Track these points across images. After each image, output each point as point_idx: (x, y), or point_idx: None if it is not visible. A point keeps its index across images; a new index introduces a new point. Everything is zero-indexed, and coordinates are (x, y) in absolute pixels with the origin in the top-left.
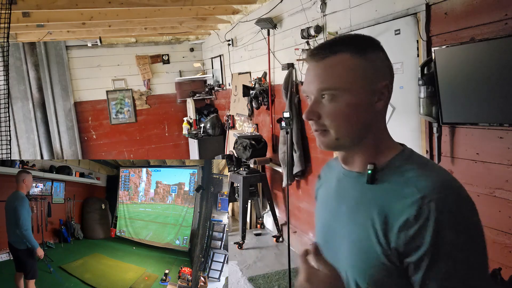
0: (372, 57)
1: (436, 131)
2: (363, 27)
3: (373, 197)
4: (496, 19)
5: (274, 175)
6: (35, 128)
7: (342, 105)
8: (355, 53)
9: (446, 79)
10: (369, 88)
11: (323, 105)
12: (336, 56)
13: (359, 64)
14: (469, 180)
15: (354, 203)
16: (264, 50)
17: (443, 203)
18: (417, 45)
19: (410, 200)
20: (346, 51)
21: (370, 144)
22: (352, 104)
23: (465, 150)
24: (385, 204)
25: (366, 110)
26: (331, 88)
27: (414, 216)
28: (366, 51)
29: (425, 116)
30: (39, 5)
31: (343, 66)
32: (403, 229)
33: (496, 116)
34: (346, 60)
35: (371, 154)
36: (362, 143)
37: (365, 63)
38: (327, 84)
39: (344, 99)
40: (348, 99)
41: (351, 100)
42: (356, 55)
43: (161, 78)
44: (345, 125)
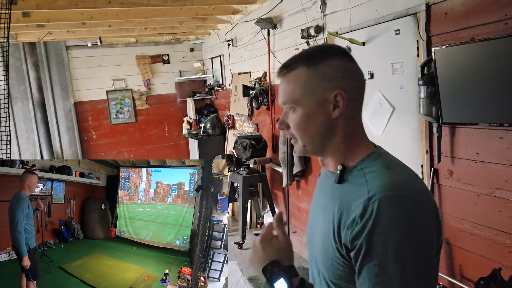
0: (324, 66)
1: (436, 131)
2: (363, 27)
3: (337, 196)
4: (496, 19)
5: (274, 175)
6: (35, 128)
7: (299, 116)
8: (308, 65)
9: (446, 79)
10: (320, 99)
11: (289, 117)
12: (294, 71)
13: (310, 76)
14: (469, 180)
15: (326, 200)
16: (264, 50)
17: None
18: (417, 45)
19: (361, 200)
20: (300, 66)
21: (339, 147)
22: (306, 115)
23: (465, 150)
24: (343, 203)
25: (322, 119)
26: (287, 101)
27: (359, 215)
28: (319, 62)
29: (425, 116)
30: (39, 5)
31: (297, 81)
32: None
33: (496, 116)
34: (301, 74)
35: (341, 156)
36: (331, 147)
37: (316, 74)
38: (285, 97)
39: (299, 111)
40: (303, 111)
41: (305, 111)
42: (308, 68)
43: (161, 78)
44: (306, 134)
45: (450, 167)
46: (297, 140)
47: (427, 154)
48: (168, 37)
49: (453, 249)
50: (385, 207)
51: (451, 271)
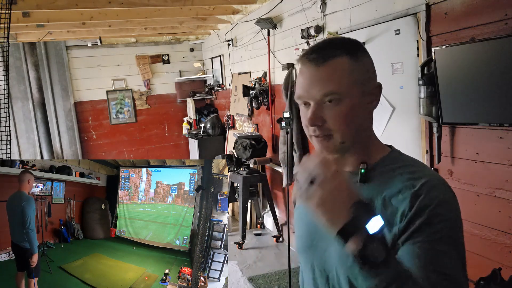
0: (363, 60)
1: (436, 131)
2: (363, 27)
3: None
4: (496, 19)
5: (274, 175)
6: (35, 128)
7: (347, 109)
8: (350, 56)
9: (446, 79)
10: (365, 90)
11: (327, 110)
12: (335, 59)
13: (356, 67)
14: (469, 180)
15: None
16: (264, 50)
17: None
18: (417, 45)
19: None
20: (343, 54)
21: (362, 144)
22: (354, 106)
23: (465, 150)
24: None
25: (363, 111)
26: (336, 92)
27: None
28: (358, 54)
29: (425, 116)
30: (39, 5)
31: (343, 70)
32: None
33: (496, 116)
34: (344, 64)
35: (362, 154)
36: (359, 144)
37: (360, 66)
38: (331, 88)
39: (347, 103)
40: (351, 102)
41: (353, 103)
42: (351, 58)
43: (161, 78)
44: (350, 128)
45: (450, 167)
46: (333, 136)
47: (427, 154)
48: (168, 37)
49: None
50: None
51: None
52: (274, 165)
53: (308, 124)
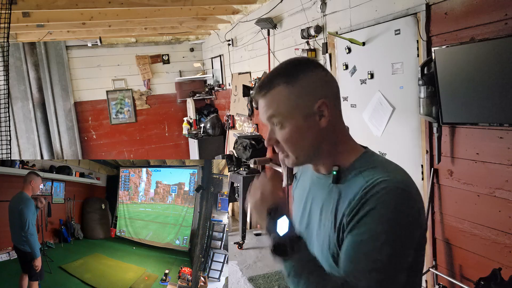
0: (303, 82)
1: (436, 131)
2: (363, 27)
3: (336, 195)
4: (496, 19)
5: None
6: (35, 128)
7: (289, 131)
8: (286, 84)
9: (446, 79)
10: (306, 112)
11: (277, 133)
12: (273, 90)
13: (292, 92)
14: (469, 180)
15: (322, 202)
16: (264, 50)
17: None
18: (417, 45)
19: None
20: (280, 83)
21: (329, 153)
22: (295, 129)
23: (465, 150)
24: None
25: (311, 129)
26: (275, 114)
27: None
28: (298, 77)
29: (425, 116)
30: (39, 5)
31: (279, 98)
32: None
33: (496, 116)
34: (281, 92)
35: (334, 159)
36: (322, 154)
37: (297, 90)
38: (271, 111)
39: (288, 127)
40: (291, 126)
41: (294, 126)
42: (288, 85)
43: (161, 78)
44: (297, 147)
45: (450, 167)
46: (288, 154)
47: (427, 154)
48: (168, 37)
49: (453, 249)
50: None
51: (451, 271)
52: (274, 165)
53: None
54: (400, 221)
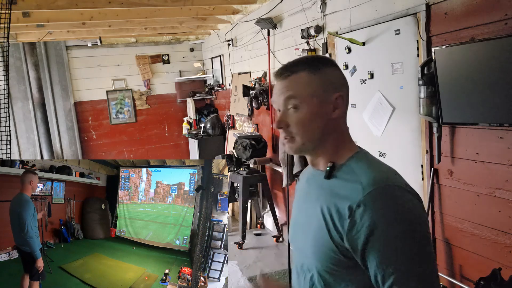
0: (325, 73)
1: (436, 131)
2: (363, 27)
3: (328, 191)
4: (496, 19)
5: (274, 175)
6: (35, 128)
7: (305, 115)
8: (310, 71)
9: (446, 79)
10: (324, 99)
11: (289, 116)
12: (296, 74)
13: (314, 79)
14: (469, 180)
15: (315, 198)
16: (264, 50)
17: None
18: (417, 45)
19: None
20: (303, 70)
21: (331, 146)
22: (311, 113)
23: (465, 150)
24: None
25: (324, 118)
26: (295, 95)
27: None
28: (320, 68)
29: (425, 116)
30: (39, 5)
31: (301, 82)
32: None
33: (496, 116)
34: (303, 77)
35: (332, 155)
36: (324, 146)
37: (318, 78)
38: (291, 92)
39: (305, 109)
40: (308, 109)
41: (310, 110)
42: (311, 72)
43: (161, 78)
44: (308, 132)
45: (450, 167)
46: (295, 139)
47: (427, 154)
48: (168, 37)
49: (453, 249)
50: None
51: (451, 271)
52: (274, 165)
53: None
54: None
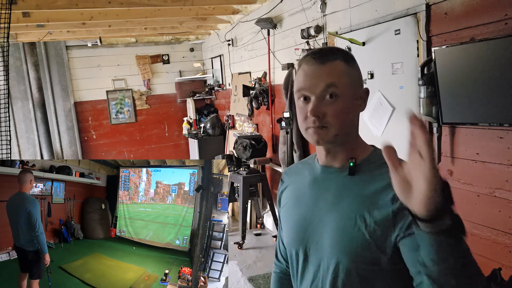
0: (355, 66)
1: (436, 131)
2: (363, 27)
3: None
4: (496, 19)
5: (274, 175)
6: (35, 128)
7: (343, 105)
8: (345, 61)
9: (446, 79)
10: (357, 92)
11: (327, 104)
12: (334, 61)
13: (351, 70)
14: (469, 180)
15: (336, 194)
16: (264, 50)
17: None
18: (417, 45)
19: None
20: (340, 59)
21: (351, 142)
22: (348, 105)
23: (465, 150)
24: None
25: (356, 110)
26: (337, 84)
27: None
28: (351, 61)
29: (425, 116)
30: (39, 5)
31: (341, 70)
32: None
33: (496, 116)
34: (342, 66)
35: (352, 150)
36: (347, 140)
37: (352, 70)
38: (333, 80)
39: (343, 100)
40: (346, 100)
41: (349, 100)
42: (347, 63)
43: (161, 78)
44: (345, 123)
45: (450, 167)
46: (328, 129)
47: None
48: (168, 37)
49: None
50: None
51: None
52: (274, 165)
53: (310, 115)
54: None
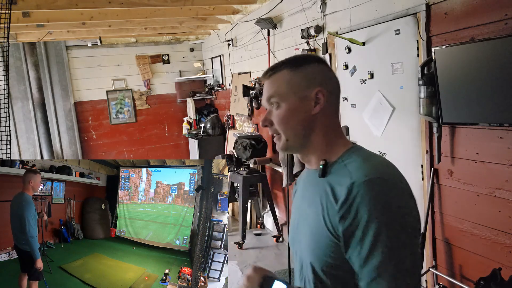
0: (305, 69)
1: (436, 131)
2: (363, 27)
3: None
4: (496, 19)
5: (274, 175)
6: (35, 128)
7: (285, 112)
8: (290, 68)
9: (446, 79)
10: (303, 94)
11: (273, 114)
12: (278, 73)
13: (293, 76)
14: (469, 180)
15: (311, 196)
16: (264, 50)
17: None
18: (417, 45)
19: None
20: (285, 68)
21: (319, 143)
22: (290, 109)
23: (465, 150)
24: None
25: (304, 113)
26: (275, 94)
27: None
28: (301, 65)
29: (425, 116)
30: (39, 5)
31: (282, 80)
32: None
33: (496, 116)
34: (284, 75)
35: (322, 153)
36: (312, 143)
37: (298, 75)
38: (270, 94)
39: (284, 106)
40: (287, 106)
41: (289, 106)
42: (291, 70)
43: (161, 78)
44: (289, 128)
45: (450, 167)
46: (280, 136)
47: (427, 154)
48: (168, 37)
49: (453, 249)
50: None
51: (451, 271)
52: (274, 165)
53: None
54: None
